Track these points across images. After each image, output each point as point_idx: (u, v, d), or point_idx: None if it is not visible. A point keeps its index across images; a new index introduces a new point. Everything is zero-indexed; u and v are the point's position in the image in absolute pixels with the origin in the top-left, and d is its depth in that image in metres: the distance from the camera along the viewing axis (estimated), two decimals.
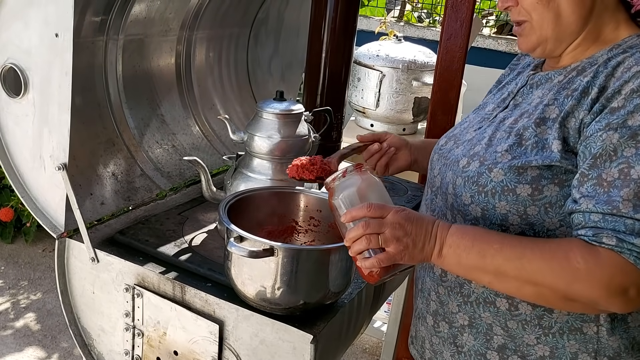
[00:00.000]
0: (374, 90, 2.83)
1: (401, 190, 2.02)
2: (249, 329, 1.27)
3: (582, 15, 1.05)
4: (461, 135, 1.22)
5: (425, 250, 1.01)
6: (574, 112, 1.01)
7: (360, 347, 2.95)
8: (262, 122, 1.54)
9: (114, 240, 1.50)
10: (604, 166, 0.94)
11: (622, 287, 0.91)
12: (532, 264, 0.95)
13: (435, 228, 1.02)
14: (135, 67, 1.84)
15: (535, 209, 1.03)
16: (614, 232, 0.91)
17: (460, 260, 1.00)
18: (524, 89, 1.17)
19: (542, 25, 1.07)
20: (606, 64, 1.03)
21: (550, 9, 1.05)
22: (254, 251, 1.15)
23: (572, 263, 0.92)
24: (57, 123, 1.37)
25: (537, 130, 1.04)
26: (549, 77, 1.12)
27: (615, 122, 0.94)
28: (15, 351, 2.74)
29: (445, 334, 1.20)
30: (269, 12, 2.33)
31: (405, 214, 1.01)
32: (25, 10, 1.34)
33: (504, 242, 0.98)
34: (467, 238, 1.00)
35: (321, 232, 1.41)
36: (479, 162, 1.09)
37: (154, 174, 1.82)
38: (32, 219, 3.43)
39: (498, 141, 1.09)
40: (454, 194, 1.12)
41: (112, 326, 1.48)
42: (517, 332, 1.09)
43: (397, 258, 1.00)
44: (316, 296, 1.24)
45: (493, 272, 0.98)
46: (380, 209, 1.01)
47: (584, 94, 1.01)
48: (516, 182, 1.03)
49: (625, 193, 0.91)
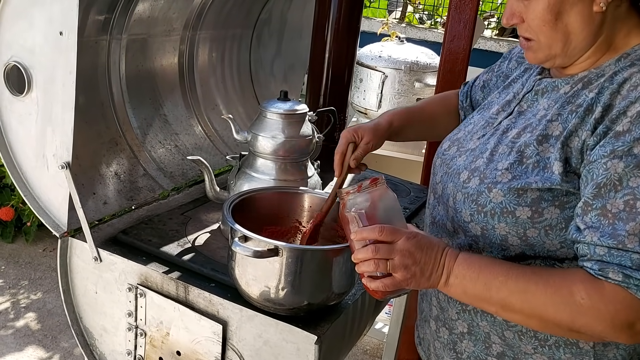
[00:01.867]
0: (376, 92, 2.82)
1: (404, 191, 2.02)
2: (252, 330, 1.27)
3: (592, 31, 1.01)
4: (465, 141, 1.20)
5: (432, 278, 1.00)
6: (577, 131, 0.98)
7: (361, 348, 2.94)
8: (266, 122, 1.53)
9: (116, 239, 1.50)
10: (608, 196, 0.91)
11: (627, 322, 0.90)
12: (537, 298, 0.94)
13: (444, 257, 1.00)
14: (138, 67, 1.83)
15: (535, 232, 1.02)
16: (620, 267, 0.89)
17: (467, 290, 1.00)
18: (529, 95, 1.13)
19: (550, 46, 1.03)
20: (612, 79, 0.99)
21: (558, 30, 1.01)
22: (259, 251, 1.14)
23: (576, 298, 0.91)
24: (60, 122, 1.37)
25: (539, 149, 1.02)
26: (556, 85, 1.09)
27: (621, 149, 0.91)
28: (15, 351, 2.74)
29: (446, 340, 1.19)
30: (272, 12, 2.33)
31: (417, 241, 0.99)
32: (29, 9, 1.34)
33: (510, 275, 0.96)
34: (473, 269, 0.99)
35: (325, 232, 1.41)
36: (479, 179, 1.07)
37: (156, 173, 1.82)
38: (33, 218, 3.42)
39: (499, 157, 1.07)
40: (454, 208, 1.11)
41: (114, 326, 1.48)
42: (514, 341, 1.09)
43: (403, 284, 1.00)
44: (320, 297, 1.23)
45: (499, 305, 0.98)
46: (391, 233, 0.99)
47: (587, 111, 0.98)
48: (515, 205, 1.01)
49: (631, 227, 0.89)
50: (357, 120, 3.08)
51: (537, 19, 1.01)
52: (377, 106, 2.85)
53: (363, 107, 2.92)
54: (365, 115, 2.96)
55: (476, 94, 1.44)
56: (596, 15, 0.99)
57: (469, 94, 1.46)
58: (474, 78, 1.47)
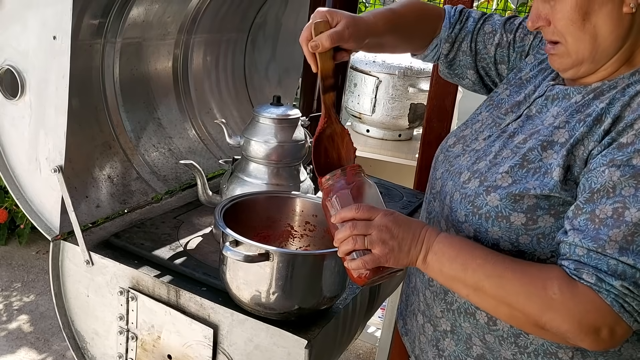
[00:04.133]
0: (370, 96, 2.84)
1: (397, 195, 2.02)
2: (243, 334, 1.27)
3: (620, 34, 0.98)
4: (470, 140, 1.19)
5: (411, 254, 1.00)
6: (583, 140, 0.98)
7: (354, 352, 2.95)
8: (259, 127, 1.54)
9: (109, 243, 1.50)
10: (599, 202, 0.92)
11: (594, 326, 0.90)
12: (511, 285, 0.94)
13: (424, 233, 1.01)
14: (132, 71, 1.84)
15: (527, 238, 1.02)
16: (595, 269, 0.90)
17: (443, 268, 1.00)
18: (539, 100, 1.11)
19: (578, 49, 1.00)
20: (624, 91, 0.98)
21: (586, 30, 0.98)
22: (249, 255, 1.15)
23: (549, 292, 0.91)
24: (53, 125, 1.37)
25: (543, 155, 1.02)
26: (568, 93, 1.07)
27: (620, 159, 0.91)
28: (7, 353, 2.73)
29: (430, 336, 1.21)
30: (266, 17, 2.34)
31: (394, 217, 1.00)
32: (23, 12, 1.34)
33: (487, 259, 0.97)
34: (452, 248, 0.99)
35: (317, 237, 1.42)
36: (479, 181, 1.07)
37: (150, 177, 1.82)
38: (26, 220, 3.42)
39: (502, 160, 1.07)
40: (450, 207, 1.12)
41: (106, 329, 1.48)
42: (494, 345, 1.10)
43: (382, 260, 1.00)
44: (311, 301, 1.24)
45: (472, 286, 0.98)
46: (368, 210, 1.00)
47: (597, 121, 0.98)
48: (511, 210, 1.01)
49: (614, 234, 0.89)
50: (352, 125, 3.09)
51: (564, 19, 0.99)
52: (371, 111, 2.86)
53: (357, 112, 2.93)
54: (359, 120, 2.97)
55: (484, 42, 1.30)
56: (625, 17, 0.96)
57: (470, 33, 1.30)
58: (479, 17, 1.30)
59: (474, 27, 1.31)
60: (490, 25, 1.30)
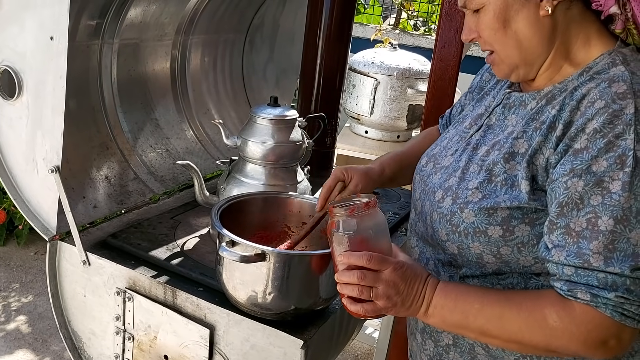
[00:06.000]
0: (369, 97, 2.84)
1: (394, 197, 2.03)
2: (239, 334, 1.28)
3: (544, 35, 1.01)
4: (440, 158, 1.20)
5: (412, 308, 1.02)
6: (541, 148, 0.99)
7: (351, 354, 2.95)
8: (256, 128, 1.54)
9: (106, 243, 1.50)
10: (571, 215, 0.92)
11: (600, 340, 0.91)
12: (512, 323, 0.96)
13: (424, 287, 1.02)
14: (130, 71, 1.84)
15: (508, 249, 1.03)
16: (587, 287, 0.91)
17: (445, 320, 1.02)
18: (498, 109, 1.14)
19: (507, 55, 1.04)
20: (572, 95, 1.00)
21: (509, 37, 1.02)
22: (246, 256, 1.15)
23: (549, 321, 0.93)
24: (50, 126, 1.37)
25: (506, 167, 1.03)
26: (523, 100, 1.09)
27: (579, 167, 0.92)
28: (5, 354, 2.73)
29: (432, 352, 1.20)
30: (264, 18, 2.35)
31: (402, 272, 1.00)
32: (21, 13, 1.34)
33: (484, 302, 0.98)
34: (450, 298, 1.01)
35: (313, 237, 1.42)
36: (451, 198, 1.08)
37: (147, 177, 1.83)
38: (25, 221, 3.42)
39: (470, 175, 1.08)
40: (432, 227, 1.13)
41: (102, 330, 1.48)
42: (497, 352, 1.10)
43: (383, 312, 1.02)
44: (307, 302, 1.24)
45: (477, 332, 1.00)
46: (379, 262, 0.99)
47: (550, 128, 0.99)
48: (487, 224, 1.02)
49: (595, 246, 0.90)
50: (350, 126, 3.10)
51: (487, 28, 1.03)
52: (369, 112, 2.86)
53: (356, 113, 2.93)
54: (358, 121, 2.97)
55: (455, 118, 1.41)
56: (544, 19, 0.99)
57: (448, 123, 1.45)
58: (451, 107, 1.47)
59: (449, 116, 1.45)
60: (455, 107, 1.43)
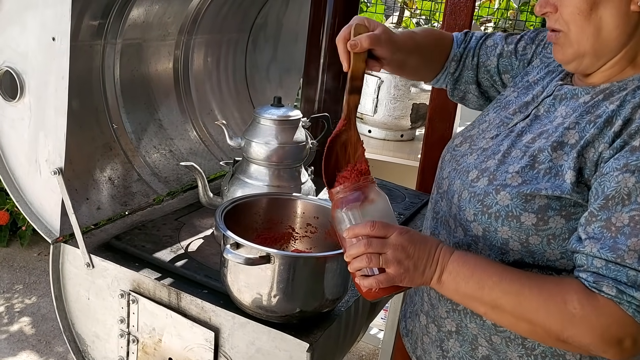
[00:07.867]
0: (372, 96, 2.82)
1: (399, 197, 2.01)
2: (245, 337, 1.26)
3: (626, 31, 0.98)
4: (477, 140, 1.18)
5: (426, 274, 1.00)
6: (594, 142, 0.97)
7: (356, 354, 2.94)
8: (260, 128, 1.53)
9: (109, 245, 1.49)
10: (615, 209, 0.90)
11: (617, 337, 0.89)
12: (529, 302, 0.94)
13: (438, 253, 1.00)
14: (133, 72, 1.83)
15: (537, 239, 1.01)
16: (615, 282, 0.89)
17: (459, 288, 0.99)
18: (548, 100, 1.11)
19: (580, 39, 1.01)
20: (635, 93, 0.98)
21: (592, 21, 0.98)
22: (250, 258, 1.14)
23: (569, 307, 0.91)
24: (53, 127, 1.36)
25: (553, 155, 1.01)
26: (576, 93, 1.07)
27: (634, 164, 0.90)
28: (9, 355, 2.72)
29: (434, 336, 1.20)
30: (267, 17, 2.33)
31: (409, 235, 0.99)
32: (22, 13, 1.33)
33: (503, 276, 0.96)
34: (467, 266, 0.98)
35: (318, 239, 1.41)
36: (488, 179, 1.06)
37: (151, 179, 1.82)
38: (28, 222, 3.41)
39: (512, 160, 1.06)
40: (458, 206, 1.11)
41: (106, 332, 1.47)
42: (500, 347, 1.09)
43: (396, 280, 0.99)
44: (313, 304, 1.23)
45: (490, 304, 0.97)
46: (384, 228, 0.98)
47: (607, 123, 0.97)
48: (522, 210, 1.00)
49: (633, 243, 0.88)
50: None
51: (571, 6, 0.99)
52: (373, 111, 2.85)
53: (359, 112, 2.92)
54: (361, 120, 2.96)
55: (486, 55, 1.34)
56: (632, 14, 0.97)
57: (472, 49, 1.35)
58: (481, 35, 1.37)
59: (476, 44, 1.36)
60: (492, 40, 1.35)
